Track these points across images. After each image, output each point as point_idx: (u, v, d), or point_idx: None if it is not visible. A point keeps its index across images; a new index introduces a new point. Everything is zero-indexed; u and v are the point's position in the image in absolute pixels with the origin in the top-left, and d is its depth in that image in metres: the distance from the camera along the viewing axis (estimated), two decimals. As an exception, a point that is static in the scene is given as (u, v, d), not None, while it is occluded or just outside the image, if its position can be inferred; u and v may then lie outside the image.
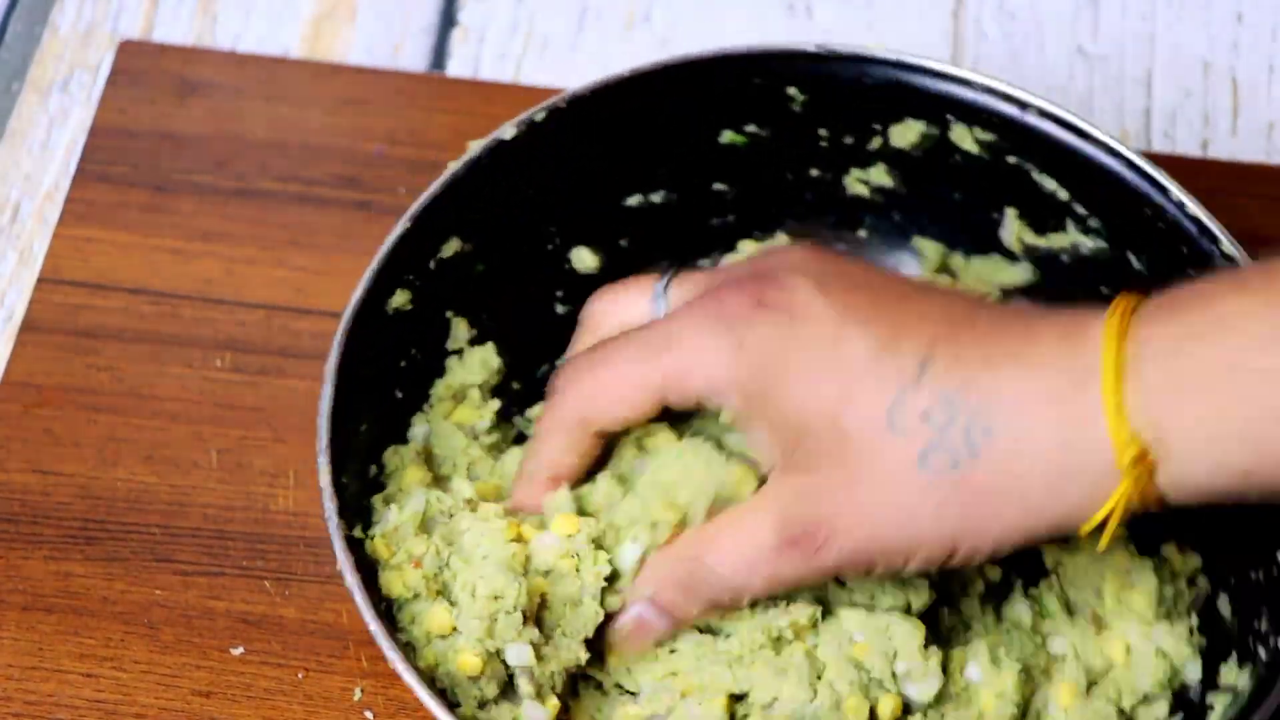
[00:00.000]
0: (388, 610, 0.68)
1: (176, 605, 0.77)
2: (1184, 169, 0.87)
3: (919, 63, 0.78)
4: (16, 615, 0.76)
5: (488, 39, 0.96)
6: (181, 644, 0.76)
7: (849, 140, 0.80)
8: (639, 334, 0.68)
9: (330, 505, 0.67)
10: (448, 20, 0.97)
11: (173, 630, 0.76)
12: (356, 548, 0.68)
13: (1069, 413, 0.61)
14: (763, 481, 0.67)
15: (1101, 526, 0.62)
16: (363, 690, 0.75)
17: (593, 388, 0.67)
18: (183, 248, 0.87)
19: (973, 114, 0.78)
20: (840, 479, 0.63)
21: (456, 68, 0.95)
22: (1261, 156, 0.92)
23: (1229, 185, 0.89)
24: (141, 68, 0.92)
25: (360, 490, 0.72)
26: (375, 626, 0.65)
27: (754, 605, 0.67)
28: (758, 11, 0.97)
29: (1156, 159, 0.86)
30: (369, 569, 0.69)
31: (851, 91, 0.79)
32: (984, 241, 0.81)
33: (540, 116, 0.77)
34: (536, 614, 0.68)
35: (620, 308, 0.72)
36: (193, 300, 0.85)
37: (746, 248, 0.82)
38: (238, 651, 0.76)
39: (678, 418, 0.70)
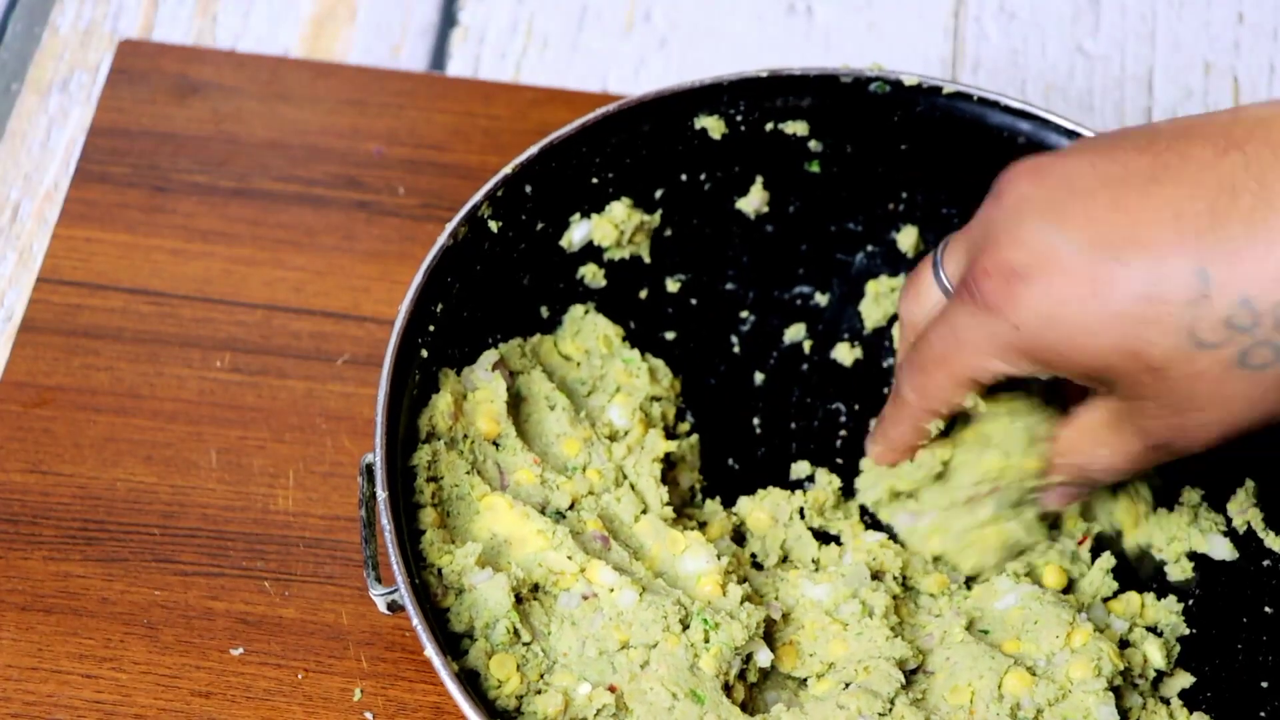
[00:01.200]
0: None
1: (176, 606, 0.77)
2: (1184, 169, 0.88)
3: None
4: (16, 615, 0.76)
5: (488, 39, 0.96)
6: (181, 644, 0.76)
7: None
8: (932, 337, 0.71)
9: None
10: (448, 20, 0.97)
11: (172, 631, 0.76)
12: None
13: None
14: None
15: None
16: (362, 691, 0.75)
17: (921, 391, 0.73)
18: (182, 248, 0.87)
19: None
20: (1171, 403, 0.66)
21: (456, 68, 0.95)
22: (1262, 156, 0.92)
23: (1229, 185, 0.89)
24: (141, 68, 0.92)
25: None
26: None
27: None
28: (758, 11, 0.97)
29: (1156, 159, 0.86)
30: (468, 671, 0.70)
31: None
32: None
33: None
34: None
35: (919, 301, 0.75)
36: (192, 300, 0.85)
37: None
38: (237, 652, 0.76)
39: None
